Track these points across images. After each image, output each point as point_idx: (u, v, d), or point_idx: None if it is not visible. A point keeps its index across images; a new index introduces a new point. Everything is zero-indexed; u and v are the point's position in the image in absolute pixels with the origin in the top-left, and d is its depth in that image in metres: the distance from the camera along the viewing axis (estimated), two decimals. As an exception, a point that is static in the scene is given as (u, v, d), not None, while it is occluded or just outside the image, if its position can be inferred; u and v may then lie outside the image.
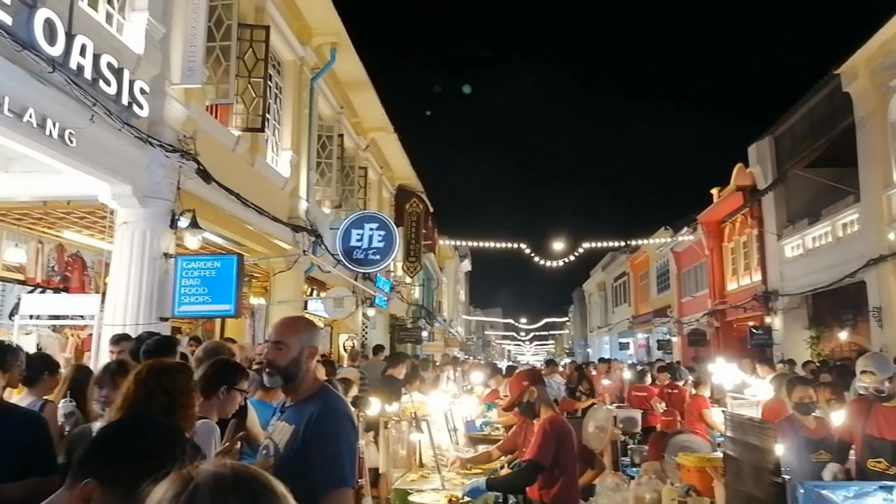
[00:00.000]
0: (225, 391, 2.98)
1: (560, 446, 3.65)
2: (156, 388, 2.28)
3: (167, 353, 3.66)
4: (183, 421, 2.27)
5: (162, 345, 3.96)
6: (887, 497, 2.83)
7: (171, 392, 2.29)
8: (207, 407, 2.91)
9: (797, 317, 16.81)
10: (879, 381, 3.98)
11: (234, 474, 0.91)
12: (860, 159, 13.34)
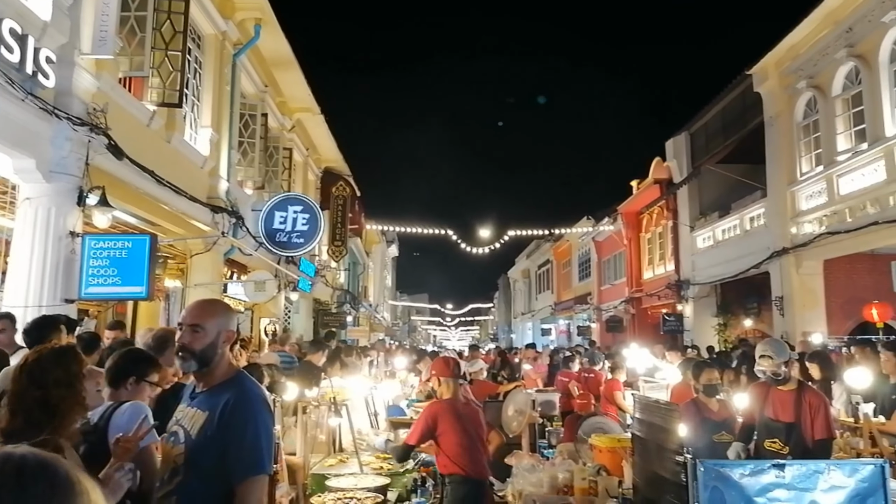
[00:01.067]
0: (133, 382, 2.87)
1: (436, 426, 4.08)
2: (28, 384, 2.16)
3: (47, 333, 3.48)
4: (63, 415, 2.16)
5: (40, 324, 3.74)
6: (779, 474, 2.99)
7: (45, 385, 2.18)
8: (115, 398, 2.81)
9: (706, 305, 17.71)
10: (776, 365, 4.23)
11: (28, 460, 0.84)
12: (768, 157, 14.13)
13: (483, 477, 4.06)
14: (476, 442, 4.12)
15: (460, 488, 3.93)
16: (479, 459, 4.08)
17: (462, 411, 4.18)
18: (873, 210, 10.77)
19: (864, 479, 2.94)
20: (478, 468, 4.01)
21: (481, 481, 4.01)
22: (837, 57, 11.63)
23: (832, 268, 12.70)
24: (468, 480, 3.94)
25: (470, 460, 4.00)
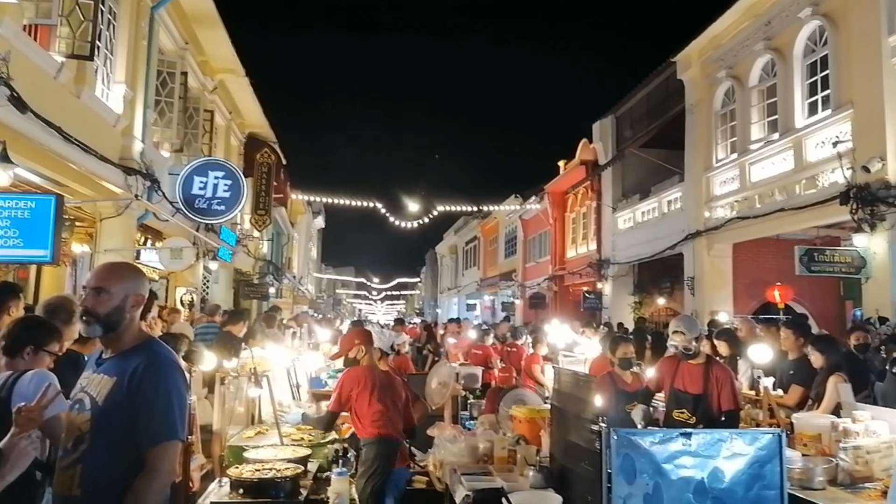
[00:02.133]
0: (31, 352, 2.72)
1: (353, 391, 4.17)
2: None
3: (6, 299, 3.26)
4: None
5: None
6: (686, 442, 3.14)
7: None
8: (12, 368, 2.67)
9: (624, 283, 18.39)
10: (688, 340, 4.45)
11: None
12: (687, 143, 14.70)
13: (395, 437, 4.15)
14: (391, 407, 4.20)
15: (373, 448, 4.02)
16: (394, 423, 4.18)
17: (378, 378, 4.26)
18: (780, 197, 11.42)
19: (762, 447, 3.12)
20: (390, 430, 4.10)
21: (393, 440, 4.10)
22: (756, 49, 12.16)
23: (740, 251, 13.42)
24: (381, 440, 4.04)
25: (384, 423, 4.10)
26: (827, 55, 10.56)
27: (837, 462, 3.76)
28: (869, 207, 9.16)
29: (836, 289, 12.81)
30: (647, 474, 3.02)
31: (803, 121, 11.06)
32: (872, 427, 3.95)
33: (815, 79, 10.94)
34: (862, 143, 9.49)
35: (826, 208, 10.06)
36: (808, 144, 10.83)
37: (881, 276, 9.14)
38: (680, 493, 3.02)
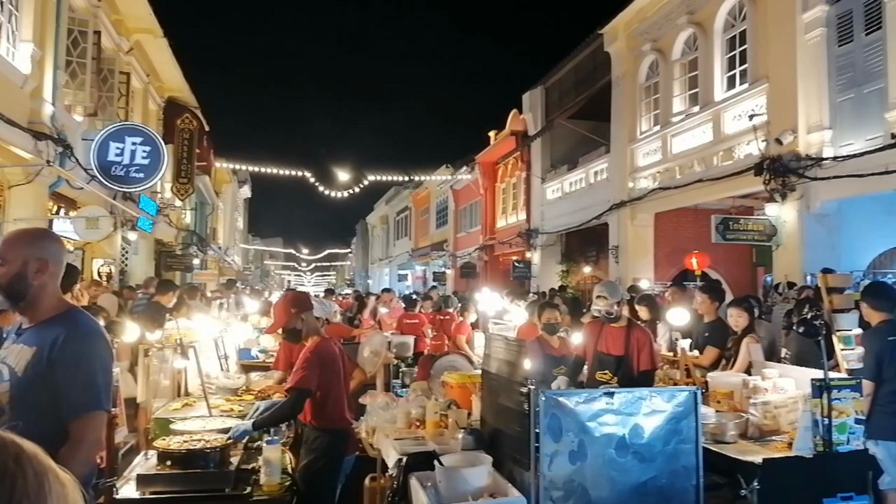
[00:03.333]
0: None
1: (323, 369, 3.64)
2: None
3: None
4: None
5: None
6: (609, 401, 3.28)
7: None
8: None
9: (552, 253, 18.83)
10: (610, 304, 4.63)
11: None
12: (613, 115, 15.04)
13: (346, 426, 3.79)
14: (345, 389, 3.85)
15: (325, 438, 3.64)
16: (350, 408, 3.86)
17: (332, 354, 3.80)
18: (699, 168, 11.90)
19: (679, 404, 3.30)
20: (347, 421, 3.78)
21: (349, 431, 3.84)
22: (679, 23, 12.50)
23: (661, 220, 13.95)
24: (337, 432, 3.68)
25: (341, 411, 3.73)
26: (745, 30, 10.98)
27: (748, 417, 4.02)
28: (780, 178, 9.68)
29: (749, 256, 13.55)
30: (572, 432, 3.15)
31: (722, 94, 11.51)
32: (780, 384, 4.24)
33: (734, 53, 11.37)
34: (776, 116, 9.98)
35: (741, 179, 10.56)
36: (726, 117, 11.30)
37: (791, 244, 9.72)
38: (603, 449, 3.16)
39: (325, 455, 3.63)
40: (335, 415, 3.70)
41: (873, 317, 4.21)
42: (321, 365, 3.63)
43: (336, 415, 3.71)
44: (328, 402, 3.67)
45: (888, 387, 4.03)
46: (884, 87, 8.46)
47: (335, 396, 3.71)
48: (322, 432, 3.67)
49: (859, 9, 8.94)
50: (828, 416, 3.21)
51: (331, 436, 3.67)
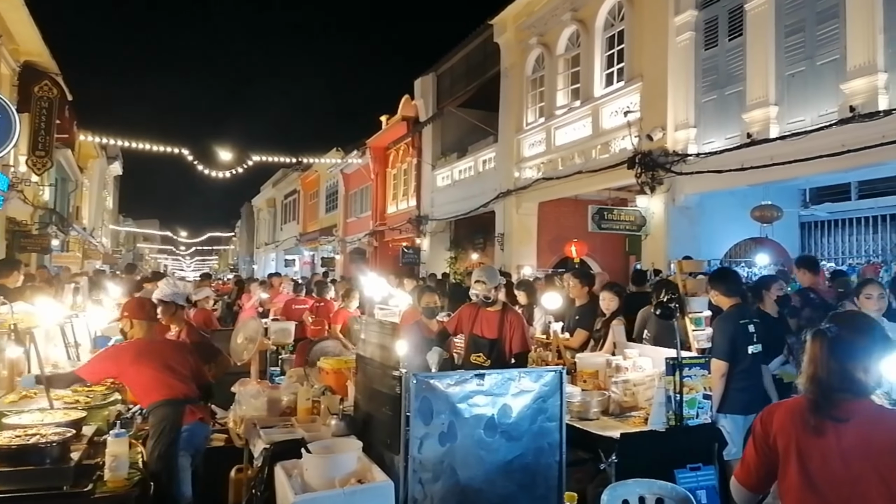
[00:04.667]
0: None
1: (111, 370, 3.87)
2: None
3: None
4: None
5: None
6: (480, 383, 3.31)
7: None
8: None
9: (441, 239, 19.00)
10: (488, 289, 4.70)
11: None
12: (501, 105, 15.33)
13: (179, 397, 3.83)
14: (169, 372, 3.85)
15: (157, 412, 3.73)
16: (174, 386, 3.81)
17: (148, 348, 3.92)
18: (580, 160, 12.39)
19: (546, 384, 3.39)
20: (172, 392, 3.77)
21: (178, 400, 3.79)
22: (563, 19, 12.90)
23: (544, 209, 14.42)
24: (164, 403, 3.75)
25: (162, 387, 3.78)
26: (623, 30, 11.51)
27: (610, 395, 4.22)
28: (650, 172, 10.26)
29: (622, 245, 14.28)
30: (443, 414, 3.16)
31: (601, 90, 12.02)
32: (639, 363, 4.48)
33: (612, 52, 11.90)
34: (648, 113, 10.55)
35: (617, 172, 11.10)
36: (605, 113, 11.82)
37: (658, 234, 10.35)
38: (472, 430, 3.19)
39: (157, 426, 3.68)
40: (150, 392, 3.78)
41: (724, 301, 4.53)
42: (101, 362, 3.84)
43: (151, 391, 3.78)
44: (135, 386, 3.85)
45: (739, 366, 4.36)
46: (743, 89, 9.15)
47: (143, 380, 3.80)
48: (149, 410, 3.76)
49: (724, 16, 9.61)
50: (679, 392, 3.42)
51: (155, 410, 3.73)
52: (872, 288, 4.68)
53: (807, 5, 8.34)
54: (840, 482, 1.98)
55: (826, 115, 7.90)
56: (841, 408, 2.00)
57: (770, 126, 8.63)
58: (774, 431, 2.12)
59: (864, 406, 2.02)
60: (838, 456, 1.98)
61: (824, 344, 2.07)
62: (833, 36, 7.96)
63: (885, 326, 3.87)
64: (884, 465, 1.93)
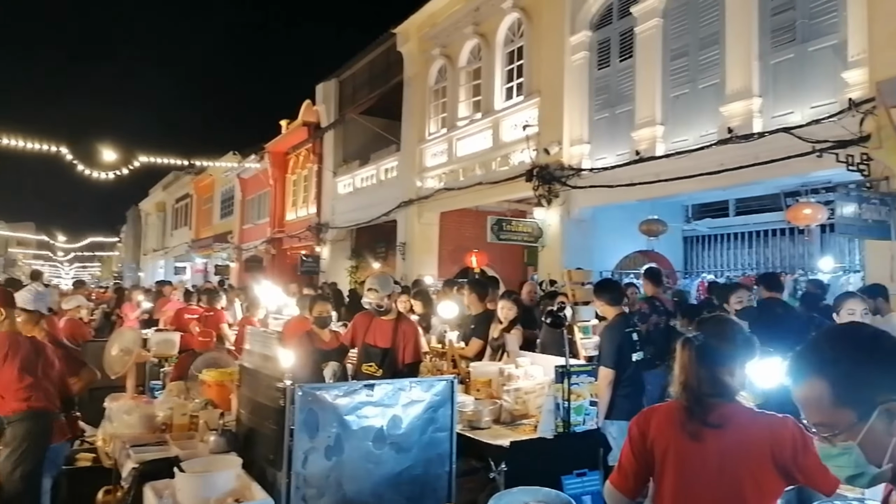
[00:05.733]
0: None
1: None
2: None
3: None
4: None
5: None
6: (369, 393, 3.23)
7: None
8: None
9: (342, 248, 18.70)
10: (381, 298, 4.60)
11: None
12: (404, 114, 15.33)
13: (50, 409, 3.54)
14: (42, 378, 3.60)
15: (21, 425, 3.44)
16: (47, 395, 3.54)
17: (24, 345, 3.67)
18: (480, 172, 12.56)
19: (437, 393, 3.35)
20: (43, 403, 3.48)
21: (48, 413, 3.49)
22: (466, 32, 13.09)
23: (446, 219, 14.51)
24: (31, 415, 3.47)
25: (34, 395, 3.51)
26: (523, 46, 11.82)
27: (502, 403, 4.23)
28: (547, 185, 10.55)
29: (521, 256, 14.62)
30: (330, 427, 3.06)
31: (501, 104, 12.27)
32: (531, 371, 4.54)
33: (512, 66, 12.18)
34: (545, 128, 10.86)
35: (515, 184, 11.34)
36: (504, 126, 12.07)
37: (554, 245, 10.64)
38: (360, 442, 3.11)
39: (20, 442, 3.45)
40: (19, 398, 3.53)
41: (609, 311, 4.68)
42: None
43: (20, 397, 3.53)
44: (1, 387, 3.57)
45: (624, 373, 4.50)
46: (632, 109, 9.61)
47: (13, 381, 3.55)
48: (10, 420, 3.52)
49: (616, 38, 10.07)
50: (567, 399, 3.47)
51: (20, 421, 3.50)
52: (855, 303, 4.14)
53: (690, 31, 8.88)
54: (716, 485, 2.05)
55: (707, 136, 8.42)
56: (714, 413, 2.08)
57: (657, 144, 9.10)
58: (652, 436, 2.17)
59: (735, 410, 2.11)
60: (715, 460, 2.05)
61: (692, 351, 2.16)
62: (714, 61, 8.51)
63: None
64: (757, 467, 2.02)
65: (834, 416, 1.33)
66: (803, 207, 7.88)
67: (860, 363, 1.34)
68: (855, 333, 1.45)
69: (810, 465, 1.95)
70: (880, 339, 1.40)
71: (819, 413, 1.36)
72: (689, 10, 8.92)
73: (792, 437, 2.00)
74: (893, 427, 1.28)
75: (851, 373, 1.33)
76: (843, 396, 1.32)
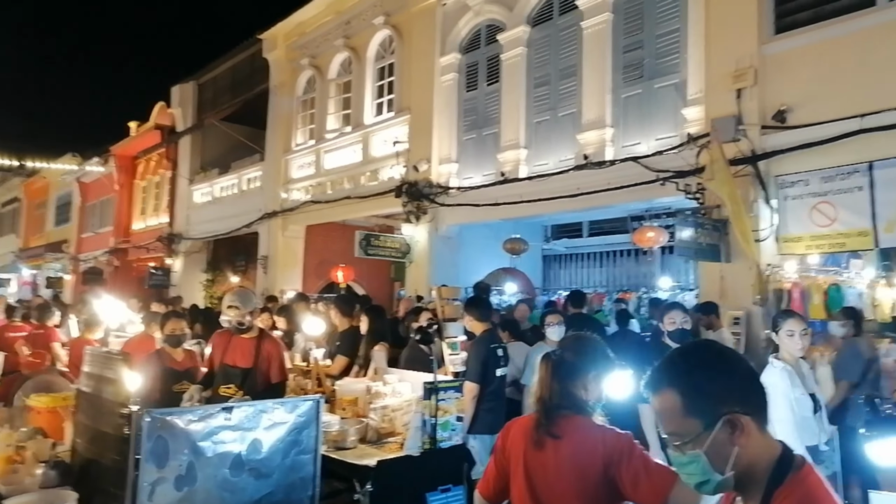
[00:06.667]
0: None
1: None
2: None
3: None
4: None
5: None
6: (227, 417, 3.02)
7: None
8: None
9: (197, 260, 17.65)
10: (242, 315, 4.34)
11: None
12: (269, 123, 14.84)
13: None
14: None
15: None
16: None
17: None
18: (349, 186, 12.42)
19: (301, 414, 3.20)
20: None
21: None
22: (336, 44, 12.95)
23: (312, 233, 14.17)
24: None
25: None
26: (394, 63, 11.89)
27: (368, 422, 4.14)
28: (416, 202, 10.64)
29: (388, 271, 14.59)
30: (182, 455, 2.82)
31: (371, 119, 12.24)
32: (399, 388, 4.49)
33: (383, 82, 12.21)
34: (415, 145, 10.97)
35: (384, 199, 11.32)
36: (374, 141, 12.04)
37: (421, 261, 10.72)
38: (216, 470, 2.90)
39: None
40: None
41: (477, 327, 4.77)
42: None
43: None
44: None
45: (489, 388, 4.59)
46: (498, 132, 9.97)
47: None
48: None
49: (483, 62, 10.42)
50: (434, 415, 3.46)
51: None
52: (676, 314, 4.35)
53: (551, 62, 9.39)
54: (557, 494, 2.19)
55: (565, 161, 8.91)
56: (558, 424, 2.23)
57: (520, 167, 9.49)
58: (508, 446, 2.33)
59: (577, 422, 2.25)
60: (554, 469, 2.20)
61: (550, 366, 2.32)
62: (572, 92, 9.05)
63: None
64: (588, 477, 2.16)
65: (683, 426, 1.43)
66: (647, 231, 8.55)
67: (707, 377, 1.45)
68: (704, 350, 1.58)
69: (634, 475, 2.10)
70: (726, 355, 1.54)
71: (672, 423, 1.46)
72: (550, 42, 9.43)
73: (619, 448, 2.14)
74: (735, 437, 1.39)
75: (699, 386, 1.44)
76: (692, 407, 1.43)
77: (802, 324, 3.79)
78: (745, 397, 1.44)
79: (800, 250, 6.67)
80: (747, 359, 1.56)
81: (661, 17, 8.11)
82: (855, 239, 6.27)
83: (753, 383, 1.48)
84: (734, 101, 6.98)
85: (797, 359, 3.73)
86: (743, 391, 1.45)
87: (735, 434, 1.39)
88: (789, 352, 3.69)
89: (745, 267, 6.70)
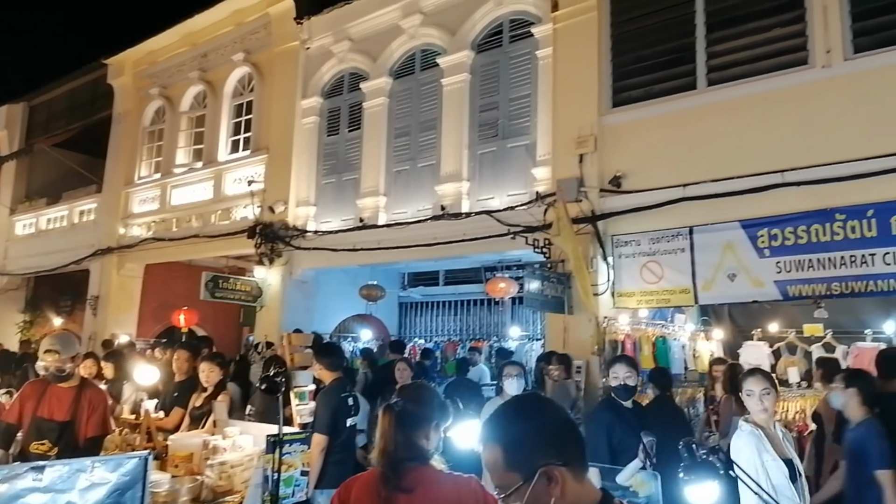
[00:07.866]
0: None
1: None
2: None
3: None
4: None
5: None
6: (37, 477, 2.69)
7: None
8: None
9: (14, 298, 15.75)
10: (63, 361, 3.89)
11: None
12: (110, 152, 13.79)
13: None
14: None
15: None
16: None
17: None
18: (197, 224, 11.76)
19: (126, 473, 2.91)
20: None
21: None
22: (191, 76, 12.42)
23: (152, 272, 13.16)
24: None
25: None
26: (252, 101, 11.61)
27: (203, 480, 3.83)
28: (270, 244, 10.28)
29: (236, 315, 13.87)
30: (-26, 525, 2.43)
31: (226, 156, 11.78)
32: (240, 442, 4.21)
33: (240, 120, 11.84)
34: (271, 186, 10.66)
35: (236, 240, 10.82)
36: (228, 179, 11.56)
37: (273, 306, 10.30)
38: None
39: None
40: None
41: (326, 376, 4.62)
42: None
43: None
44: None
45: (338, 439, 4.44)
46: (358, 177, 9.98)
47: None
48: None
49: (345, 108, 10.47)
50: (278, 470, 3.27)
51: None
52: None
53: (412, 114, 9.65)
54: None
55: (423, 210, 9.10)
56: (407, 477, 2.19)
57: (379, 213, 9.54)
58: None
59: (426, 474, 2.24)
60: None
61: (392, 417, 2.27)
62: (431, 144, 9.33)
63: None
64: None
65: (505, 479, 1.48)
66: (499, 282, 8.90)
67: (525, 431, 1.51)
68: (525, 403, 1.63)
69: None
70: (545, 407, 1.60)
71: (496, 476, 1.50)
72: (412, 95, 9.70)
73: (474, 493, 2.18)
74: (551, 488, 1.45)
75: (518, 439, 1.50)
76: (511, 461, 1.48)
77: (763, 382, 3.43)
78: (561, 449, 1.49)
79: (632, 304, 7.24)
80: (584, 405, 1.65)
81: (514, 82, 8.66)
82: (678, 295, 6.93)
83: (572, 433, 1.55)
84: (577, 165, 7.55)
85: (770, 421, 3.45)
86: (559, 443, 1.50)
87: (551, 486, 1.45)
88: (754, 414, 3.43)
89: (585, 319, 7.15)
